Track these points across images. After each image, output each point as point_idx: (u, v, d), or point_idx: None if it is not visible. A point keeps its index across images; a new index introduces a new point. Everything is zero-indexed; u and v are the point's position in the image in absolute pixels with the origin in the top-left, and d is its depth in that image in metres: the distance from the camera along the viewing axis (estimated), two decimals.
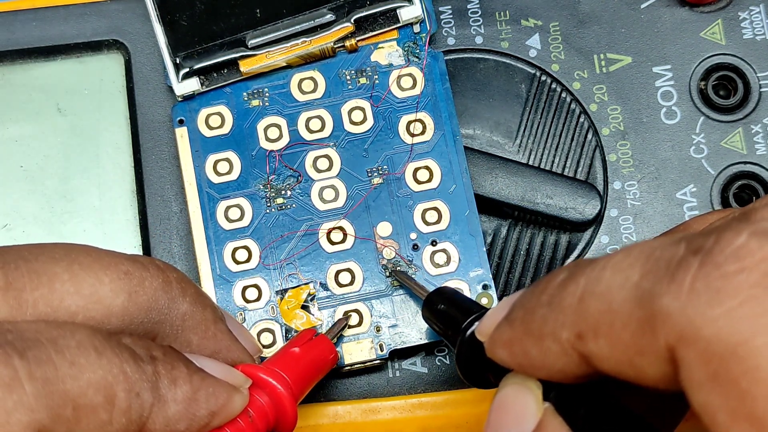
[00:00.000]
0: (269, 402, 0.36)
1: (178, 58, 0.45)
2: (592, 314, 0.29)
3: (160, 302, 0.35)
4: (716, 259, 0.26)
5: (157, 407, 0.31)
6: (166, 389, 0.32)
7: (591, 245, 0.46)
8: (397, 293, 0.44)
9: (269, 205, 0.44)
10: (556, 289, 0.31)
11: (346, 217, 0.44)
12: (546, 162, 0.47)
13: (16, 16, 0.48)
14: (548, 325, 0.30)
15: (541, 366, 0.31)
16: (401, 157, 0.45)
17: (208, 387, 0.33)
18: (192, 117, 0.45)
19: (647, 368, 0.28)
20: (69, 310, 0.32)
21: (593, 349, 0.29)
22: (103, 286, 0.33)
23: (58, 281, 0.32)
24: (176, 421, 0.32)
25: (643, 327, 0.27)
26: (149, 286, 0.34)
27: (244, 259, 0.44)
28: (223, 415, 0.34)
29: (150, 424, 0.31)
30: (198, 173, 0.45)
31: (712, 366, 0.26)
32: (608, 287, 0.29)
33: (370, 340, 0.43)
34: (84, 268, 0.33)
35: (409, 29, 0.46)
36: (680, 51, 0.48)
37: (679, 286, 0.27)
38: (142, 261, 0.35)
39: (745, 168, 0.47)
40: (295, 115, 0.45)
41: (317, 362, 0.40)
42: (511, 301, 0.33)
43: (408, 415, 0.44)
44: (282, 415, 0.37)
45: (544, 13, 0.48)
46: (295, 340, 0.40)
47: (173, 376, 0.32)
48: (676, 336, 0.26)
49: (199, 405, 0.33)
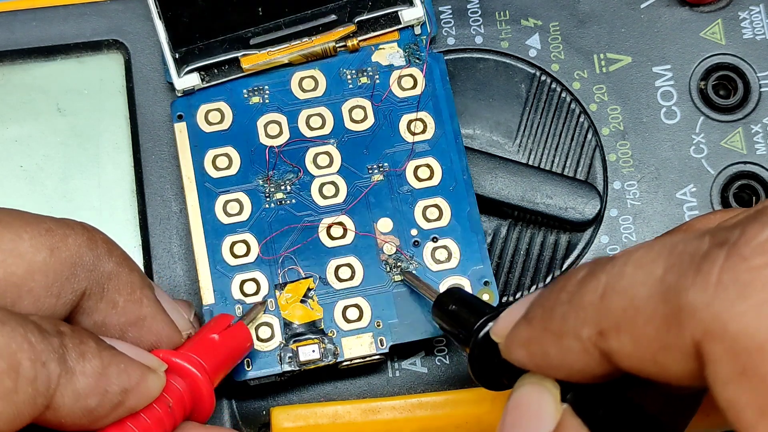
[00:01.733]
0: (186, 388, 0.36)
1: (179, 53, 0.45)
2: (614, 311, 0.29)
3: (85, 258, 0.35)
4: (743, 252, 0.26)
5: (65, 379, 0.31)
6: (74, 362, 0.32)
7: (591, 245, 0.46)
8: (397, 288, 0.44)
9: (268, 199, 0.44)
10: (576, 287, 0.30)
11: (346, 213, 0.44)
12: (546, 162, 0.47)
13: (16, 16, 0.48)
14: (568, 322, 0.30)
15: (561, 365, 0.31)
16: (402, 155, 0.45)
17: (119, 363, 0.33)
18: (191, 112, 0.45)
19: (671, 364, 0.28)
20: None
21: (615, 346, 0.29)
22: (22, 242, 0.34)
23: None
24: (86, 395, 0.32)
25: (668, 322, 0.27)
26: (73, 243, 0.35)
27: (243, 252, 0.44)
28: (137, 395, 0.34)
29: (58, 397, 0.31)
30: (197, 168, 0.45)
31: (740, 362, 0.25)
32: (631, 283, 0.28)
33: (370, 335, 0.43)
34: (4, 225, 0.34)
35: (410, 31, 0.46)
36: (680, 51, 0.48)
37: (706, 280, 0.26)
38: (67, 221, 0.36)
39: (745, 168, 0.47)
40: (295, 112, 0.45)
41: (235, 350, 0.40)
42: (528, 301, 0.33)
43: (408, 415, 0.43)
44: (199, 401, 0.37)
45: (544, 13, 0.48)
46: (213, 325, 0.40)
47: (81, 350, 0.32)
48: (703, 331, 0.26)
49: (109, 380, 0.33)
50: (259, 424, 0.45)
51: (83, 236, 0.35)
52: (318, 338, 0.43)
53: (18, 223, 0.34)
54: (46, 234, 0.34)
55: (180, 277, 0.46)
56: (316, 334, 0.43)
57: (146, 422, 0.34)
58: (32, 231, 0.34)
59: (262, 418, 0.45)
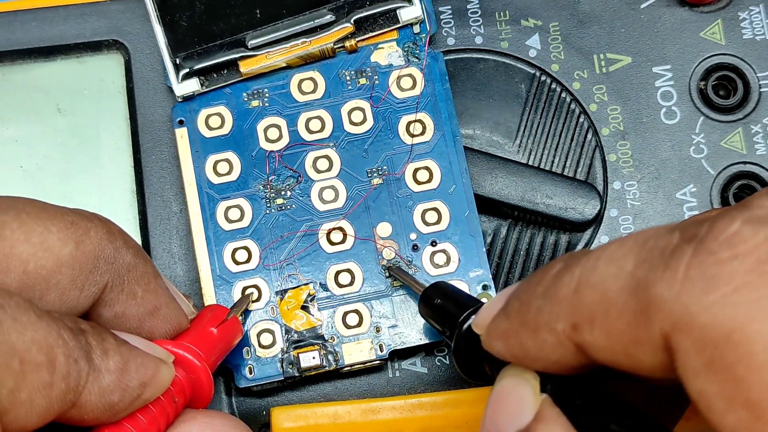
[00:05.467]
0: (186, 377, 0.37)
1: (178, 58, 0.45)
2: (587, 304, 0.29)
3: (107, 251, 0.35)
4: (710, 247, 0.26)
5: (93, 376, 0.32)
6: (99, 359, 0.32)
7: (591, 245, 0.46)
8: (396, 294, 0.44)
9: (269, 205, 0.45)
10: (552, 281, 0.31)
11: (345, 218, 0.44)
12: (546, 162, 0.47)
13: (16, 16, 0.48)
14: (543, 316, 0.31)
15: (537, 357, 0.31)
16: (401, 157, 0.45)
17: (137, 358, 0.34)
18: (192, 117, 0.45)
19: (643, 357, 0.28)
20: (20, 257, 0.33)
21: (588, 339, 0.29)
22: (51, 235, 0.34)
23: (8, 229, 0.33)
24: (110, 391, 0.32)
25: (638, 316, 0.28)
26: (95, 235, 0.35)
27: (244, 259, 0.44)
28: (153, 387, 0.34)
29: (86, 394, 0.32)
30: (198, 174, 0.45)
31: (707, 353, 0.26)
32: (603, 277, 0.29)
33: (369, 340, 0.43)
34: (32, 218, 0.34)
35: (409, 30, 0.46)
36: (680, 51, 0.48)
37: (674, 274, 0.27)
38: (85, 213, 0.36)
39: (745, 168, 0.47)
40: (294, 115, 0.45)
41: (229, 342, 0.41)
42: (507, 294, 0.33)
43: (408, 415, 0.43)
44: (199, 389, 0.38)
45: (544, 13, 0.48)
46: (211, 317, 0.40)
47: (104, 347, 0.33)
48: (671, 324, 0.27)
49: (130, 375, 0.33)
50: (259, 424, 0.45)
51: (103, 229, 0.35)
52: (319, 344, 0.43)
53: (45, 216, 0.34)
54: (72, 227, 0.34)
55: (180, 277, 0.46)
56: (317, 340, 0.43)
57: (152, 411, 0.35)
58: (59, 224, 0.34)
59: (262, 418, 0.45)
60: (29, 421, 0.30)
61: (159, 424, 0.35)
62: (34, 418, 0.30)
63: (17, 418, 0.30)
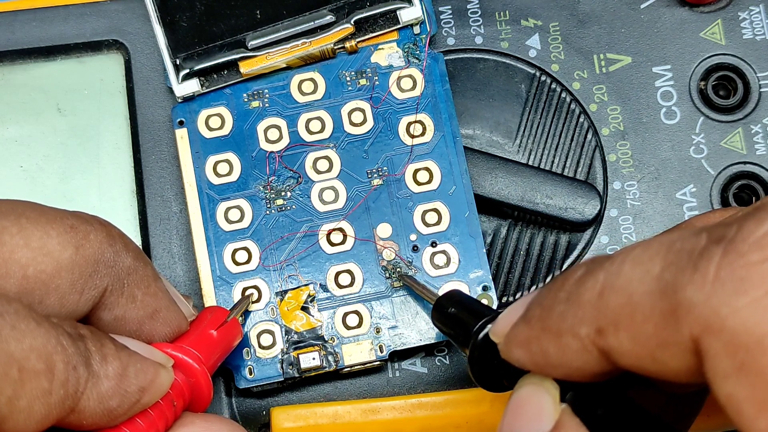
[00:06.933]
0: (185, 380, 0.37)
1: (178, 59, 0.45)
2: (612, 308, 0.29)
3: (106, 255, 0.35)
4: (740, 248, 0.26)
5: (91, 382, 0.32)
6: (98, 365, 0.32)
7: (591, 245, 0.46)
8: (396, 294, 0.44)
9: (269, 206, 0.45)
10: (574, 285, 0.30)
11: (346, 219, 0.44)
12: (546, 162, 0.47)
13: (16, 16, 0.48)
14: (567, 321, 0.30)
15: (559, 364, 0.31)
16: (401, 158, 0.45)
17: (136, 363, 0.34)
18: (192, 118, 0.45)
19: (670, 361, 0.28)
20: (20, 262, 0.33)
21: (614, 343, 0.29)
22: (50, 240, 0.34)
23: (7, 234, 0.33)
24: (109, 397, 0.32)
25: (666, 319, 0.27)
26: (94, 239, 0.35)
27: (244, 260, 0.44)
28: (152, 392, 0.34)
29: (84, 400, 0.32)
30: (198, 174, 0.45)
31: (739, 357, 0.25)
32: (628, 280, 0.29)
33: (369, 341, 0.43)
34: (32, 222, 0.34)
35: (409, 30, 0.46)
36: (680, 51, 0.48)
37: (703, 276, 0.26)
38: (85, 216, 0.36)
39: (745, 168, 0.47)
40: (295, 116, 0.45)
41: (228, 344, 0.41)
42: (527, 301, 0.33)
43: (408, 415, 0.44)
44: (198, 393, 0.38)
45: (543, 13, 0.48)
46: (211, 319, 0.40)
47: (103, 353, 0.33)
48: (701, 327, 0.26)
49: (129, 380, 0.33)
50: (259, 424, 0.45)
51: (103, 232, 0.35)
52: (319, 345, 0.43)
53: (44, 220, 0.34)
54: (72, 231, 0.34)
55: (180, 277, 0.46)
56: (317, 341, 0.43)
57: (151, 415, 0.35)
58: (58, 228, 0.34)
59: (262, 418, 0.45)
60: (28, 427, 0.30)
61: (158, 428, 0.35)
62: (33, 424, 0.30)
63: (16, 425, 0.30)
